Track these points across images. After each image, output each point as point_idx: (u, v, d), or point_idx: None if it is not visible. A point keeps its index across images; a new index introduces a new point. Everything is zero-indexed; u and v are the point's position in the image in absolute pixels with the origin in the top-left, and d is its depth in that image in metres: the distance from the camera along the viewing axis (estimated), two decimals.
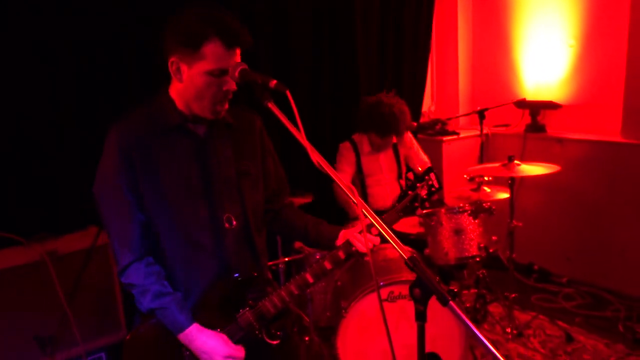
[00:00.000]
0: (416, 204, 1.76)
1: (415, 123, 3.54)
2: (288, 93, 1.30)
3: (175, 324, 1.56)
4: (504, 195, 3.23)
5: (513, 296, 3.37)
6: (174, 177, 1.61)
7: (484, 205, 2.98)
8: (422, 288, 1.17)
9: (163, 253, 1.64)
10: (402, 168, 3.67)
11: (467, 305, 3.56)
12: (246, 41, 1.54)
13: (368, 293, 2.71)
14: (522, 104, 4.24)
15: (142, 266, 1.58)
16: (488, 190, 3.33)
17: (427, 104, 4.86)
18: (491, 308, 3.67)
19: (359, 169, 3.58)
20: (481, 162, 3.89)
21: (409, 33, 4.38)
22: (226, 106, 1.62)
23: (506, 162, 3.08)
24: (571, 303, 3.80)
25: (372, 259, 1.44)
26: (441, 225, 2.94)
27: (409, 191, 1.76)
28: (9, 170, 2.88)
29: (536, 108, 4.23)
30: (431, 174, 1.75)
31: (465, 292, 3.75)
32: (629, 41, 3.63)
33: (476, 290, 3.53)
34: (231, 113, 1.70)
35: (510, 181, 3.19)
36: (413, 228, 3.25)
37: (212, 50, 1.49)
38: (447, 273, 3.26)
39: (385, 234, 1.22)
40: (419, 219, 3.16)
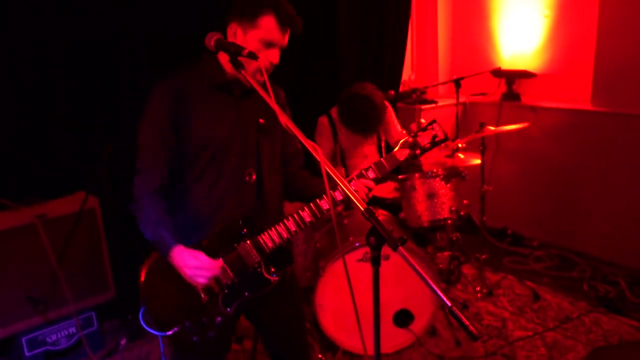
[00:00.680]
0: (417, 151, 1.79)
1: (392, 92, 3.63)
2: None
3: (163, 243, 1.70)
4: (477, 161, 3.37)
5: (484, 257, 3.55)
6: (210, 128, 1.76)
7: (456, 170, 3.13)
8: (376, 236, 1.30)
9: (187, 194, 1.79)
10: (381, 138, 3.79)
11: (441, 266, 3.74)
12: (297, 24, 1.78)
13: (346, 253, 2.87)
14: (498, 73, 4.36)
15: (155, 199, 1.73)
16: (462, 156, 3.47)
17: (408, 73, 4.96)
18: (465, 270, 3.86)
19: (337, 142, 3.69)
20: (457, 130, 4.02)
21: (389, 6, 4.45)
22: (266, 78, 1.70)
23: (478, 129, 3.22)
24: (541, 265, 4.00)
25: (334, 214, 1.55)
26: (415, 189, 3.08)
27: (410, 139, 1.78)
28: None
29: (511, 77, 4.36)
30: (434, 124, 1.78)
31: (439, 255, 3.93)
32: (599, 12, 3.74)
33: (450, 252, 3.71)
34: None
35: (481, 147, 3.33)
36: (389, 193, 3.40)
37: (267, 22, 1.71)
38: (421, 235, 3.42)
39: (344, 189, 1.34)
40: (395, 185, 3.30)
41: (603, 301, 3.40)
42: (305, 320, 2.16)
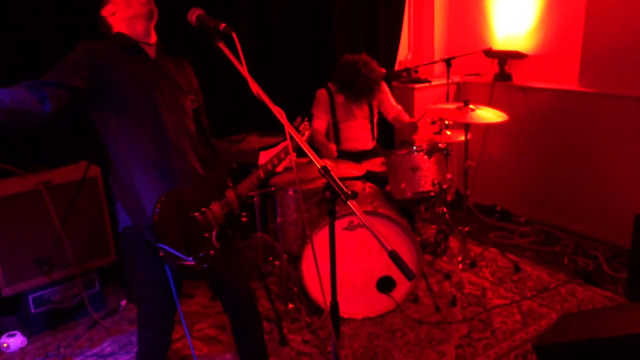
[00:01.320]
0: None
1: (384, 70, 3.77)
2: (234, 34, 1.57)
3: None
4: (461, 138, 3.50)
5: (466, 229, 3.70)
6: (132, 84, 1.94)
7: (439, 145, 3.27)
8: (331, 191, 1.46)
9: (136, 140, 1.96)
10: (375, 113, 3.94)
11: (429, 239, 3.91)
12: None
13: (324, 226, 3.03)
14: (490, 53, 4.47)
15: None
16: (449, 133, 3.61)
17: (404, 53, 5.08)
18: (452, 243, 4.02)
19: (334, 115, 3.85)
20: None
21: None
22: (153, 6, 1.98)
23: (461, 106, 3.35)
24: (525, 240, 4.14)
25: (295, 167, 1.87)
26: (399, 163, 3.24)
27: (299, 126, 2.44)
28: None
29: (503, 57, 4.46)
30: (305, 122, 2.47)
31: (427, 228, 4.09)
32: None
33: (436, 225, 3.86)
34: (168, 53, 2.12)
35: (466, 124, 3.46)
36: (378, 167, 3.54)
37: None
38: (406, 207, 3.57)
39: (306, 150, 1.49)
40: (382, 159, 3.45)
41: (581, 274, 3.55)
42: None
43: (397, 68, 4.89)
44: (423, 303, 3.32)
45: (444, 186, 3.27)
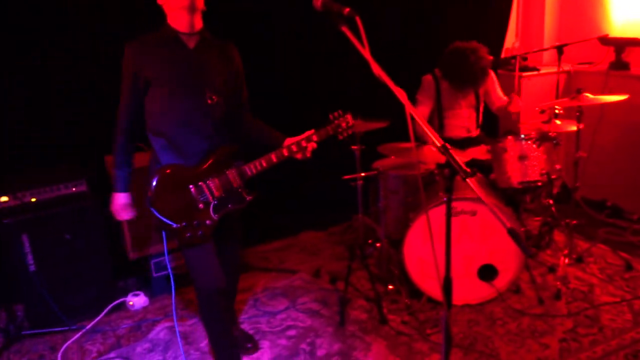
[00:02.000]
0: (339, 130, 2.48)
1: (492, 57, 3.70)
2: (357, 18, 1.65)
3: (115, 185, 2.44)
4: (573, 127, 3.38)
5: (574, 223, 3.57)
6: (172, 72, 2.28)
7: (549, 134, 3.19)
8: (450, 168, 1.52)
9: (163, 124, 2.32)
10: (480, 101, 3.88)
11: (533, 232, 3.82)
12: None
13: (433, 206, 3.07)
14: (606, 41, 4.24)
15: (125, 139, 2.39)
16: (559, 122, 3.49)
17: (512, 41, 4.94)
18: (557, 237, 3.90)
19: (439, 101, 3.84)
20: (557, 98, 4.01)
21: None
22: (199, 17, 2.27)
23: (574, 95, 3.23)
24: (638, 238, 3.93)
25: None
26: (506, 151, 3.19)
27: (335, 121, 2.47)
28: None
29: (621, 45, 4.22)
30: (347, 115, 2.49)
31: (531, 220, 4.00)
32: None
33: (541, 217, 3.77)
34: (213, 37, 2.38)
35: (578, 114, 3.33)
36: (482, 155, 3.51)
37: None
38: (511, 197, 3.51)
39: (425, 128, 1.55)
40: (487, 147, 3.41)
41: None
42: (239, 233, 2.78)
43: (504, 56, 4.77)
44: (525, 294, 3.27)
45: (553, 177, 3.19)
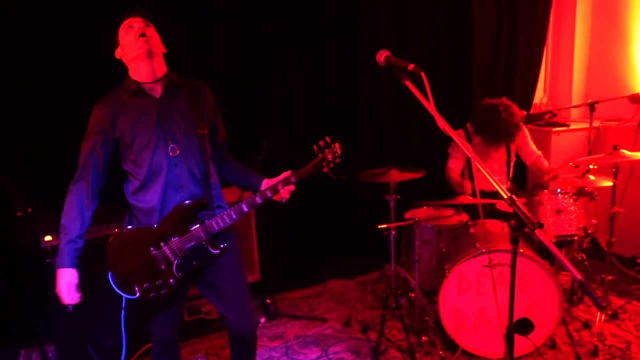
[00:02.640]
0: (324, 164, 2.30)
1: (524, 112, 3.77)
2: (423, 74, 1.72)
3: (59, 250, 2.18)
4: (608, 183, 3.40)
5: (609, 278, 3.55)
6: (138, 125, 2.17)
7: (586, 189, 3.21)
8: (517, 219, 1.54)
9: (133, 176, 2.22)
10: (512, 156, 3.93)
11: (564, 286, 3.78)
12: (140, 11, 2.20)
13: (469, 257, 3.07)
14: (636, 99, 4.31)
15: (82, 202, 2.19)
16: (592, 178, 3.52)
17: (540, 96, 5.04)
18: None
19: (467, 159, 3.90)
20: (589, 154, 4.05)
21: (525, 24, 4.62)
22: (151, 43, 2.15)
23: (611, 152, 3.27)
24: None
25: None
26: (542, 204, 3.21)
27: (319, 154, 2.29)
28: None
29: None
30: (336, 144, 2.30)
31: (562, 274, 3.96)
32: None
33: None
34: (182, 81, 2.28)
35: (614, 169, 3.37)
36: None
37: (123, 27, 2.17)
38: (546, 250, 3.50)
39: (492, 180, 1.59)
40: (523, 200, 3.44)
41: None
42: (245, 274, 2.45)
43: (533, 111, 4.85)
44: (561, 350, 3.22)
45: (589, 231, 3.20)
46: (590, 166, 3.47)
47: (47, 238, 3.01)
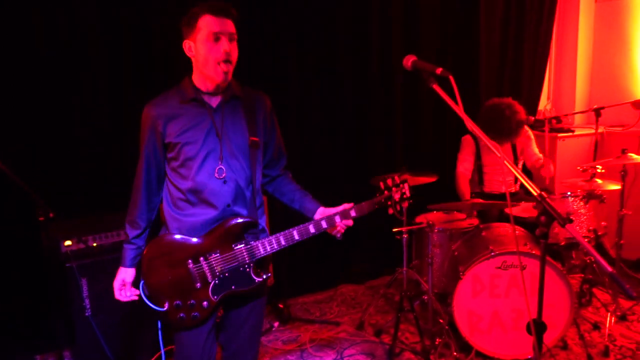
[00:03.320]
0: (389, 203, 2.14)
1: (532, 117, 3.85)
2: (451, 77, 1.77)
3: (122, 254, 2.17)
4: (615, 186, 3.47)
5: None
6: (188, 134, 2.03)
7: (595, 192, 3.28)
8: (547, 215, 1.60)
9: (178, 190, 2.10)
10: (518, 158, 4.01)
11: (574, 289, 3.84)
12: (231, 13, 2.01)
13: (483, 260, 3.13)
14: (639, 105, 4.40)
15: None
16: (600, 181, 3.59)
17: (544, 103, 5.12)
18: (597, 293, 3.92)
19: (478, 158, 3.98)
20: (594, 160, 4.12)
21: (530, 32, 4.72)
22: (231, 69, 2.01)
23: (619, 155, 3.35)
24: None
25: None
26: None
27: (385, 191, 2.13)
28: None
29: None
30: (405, 184, 2.15)
31: (571, 277, 4.02)
32: None
33: (583, 275, 3.80)
34: (241, 90, 2.14)
35: (622, 172, 3.44)
36: (527, 212, 3.59)
37: (203, 21, 1.97)
38: (557, 252, 3.56)
39: (520, 176, 1.65)
40: (533, 203, 3.49)
41: None
42: (260, 328, 2.34)
43: (537, 117, 4.93)
44: (573, 351, 3.27)
45: (600, 233, 3.26)
46: (597, 169, 3.54)
47: (67, 243, 3.05)
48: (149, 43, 3.55)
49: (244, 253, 2.04)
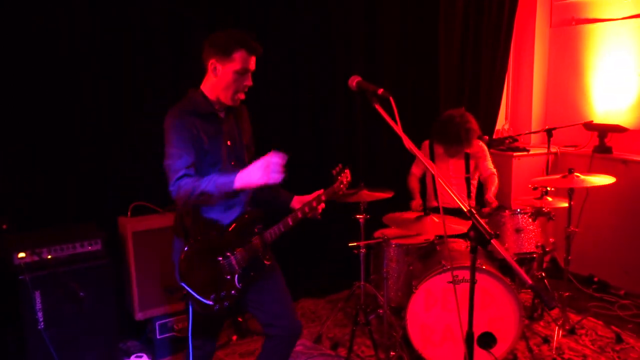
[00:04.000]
0: (341, 186, 2.49)
1: (486, 137, 4.00)
2: (391, 98, 1.87)
3: (226, 183, 2.20)
4: (565, 204, 3.61)
5: (567, 294, 3.73)
6: (212, 142, 2.32)
7: (544, 209, 3.41)
8: (476, 231, 1.68)
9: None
10: (471, 172, 4.14)
11: (527, 304, 3.96)
12: (260, 50, 2.31)
13: (435, 275, 3.21)
14: (590, 126, 4.59)
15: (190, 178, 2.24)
16: (550, 199, 3.73)
17: (502, 123, 5.29)
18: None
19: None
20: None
21: (487, 55, 4.89)
22: (243, 97, 2.35)
23: (566, 174, 3.49)
24: (626, 312, 4.09)
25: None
26: (504, 224, 3.40)
27: (338, 176, 2.50)
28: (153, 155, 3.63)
29: (604, 131, 4.57)
30: (346, 170, 2.52)
31: (523, 292, 4.14)
32: None
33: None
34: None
35: (569, 191, 3.58)
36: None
37: (240, 55, 2.25)
38: (507, 268, 3.67)
39: (455, 196, 1.73)
40: (486, 219, 3.61)
41: None
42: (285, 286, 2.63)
43: (495, 136, 5.10)
44: None
45: (547, 249, 3.38)
46: (548, 188, 3.68)
47: (21, 255, 3.02)
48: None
49: (259, 243, 2.41)
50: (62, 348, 3.10)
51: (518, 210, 3.40)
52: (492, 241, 1.62)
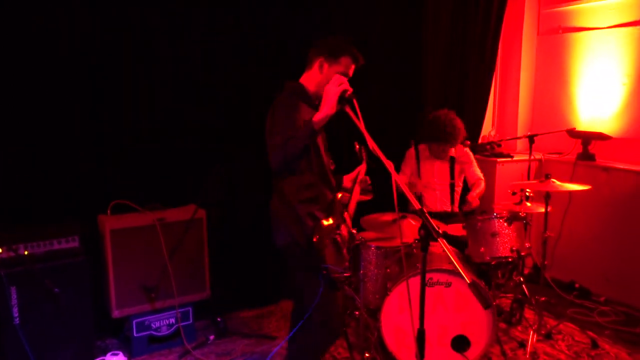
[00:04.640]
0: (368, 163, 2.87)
1: (469, 142, 4.03)
2: (354, 100, 1.92)
3: (307, 128, 2.28)
4: (541, 209, 3.63)
5: (543, 299, 3.75)
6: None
7: (520, 214, 3.43)
8: (426, 230, 1.71)
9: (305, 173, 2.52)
10: (456, 178, 4.17)
11: (506, 309, 3.98)
12: (360, 64, 2.58)
13: (410, 277, 3.23)
14: (574, 133, 4.61)
15: None
16: (529, 204, 3.75)
17: (488, 129, 5.32)
18: (527, 314, 4.06)
19: (418, 173, 4.16)
20: None
21: (474, 62, 4.91)
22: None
23: (543, 179, 3.51)
24: (605, 319, 4.10)
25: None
26: (480, 228, 3.41)
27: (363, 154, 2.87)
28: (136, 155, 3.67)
29: (587, 138, 4.60)
30: (362, 149, 2.83)
31: (502, 297, 4.16)
32: None
33: (512, 295, 3.94)
34: None
35: (545, 196, 3.61)
36: (458, 231, 3.73)
37: (345, 60, 2.52)
38: (484, 272, 3.69)
39: (410, 198, 1.76)
40: (463, 224, 3.63)
41: None
42: None
43: (481, 142, 5.12)
44: None
45: (522, 253, 3.40)
46: (527, 193, 3.70)
47: None
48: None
49: (349, 220, 2.72)
50: (38, 344, 3.12)
51: (494, 214, 3.42)
52: (439, 240, 1.65)
